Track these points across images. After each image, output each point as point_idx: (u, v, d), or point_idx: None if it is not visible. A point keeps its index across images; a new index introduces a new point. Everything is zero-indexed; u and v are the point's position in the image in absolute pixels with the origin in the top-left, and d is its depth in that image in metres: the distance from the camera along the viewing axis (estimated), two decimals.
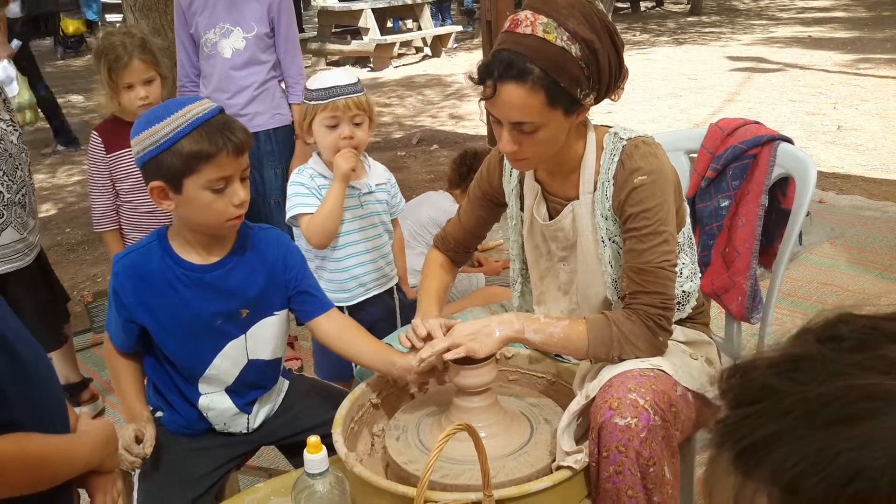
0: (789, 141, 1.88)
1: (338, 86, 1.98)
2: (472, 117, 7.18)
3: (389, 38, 10.73)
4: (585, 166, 1.54)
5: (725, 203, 1.92)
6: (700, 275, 1.69)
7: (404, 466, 1.41)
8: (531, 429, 1.50)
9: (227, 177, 1.46)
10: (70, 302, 2.84)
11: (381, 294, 2.18)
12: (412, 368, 1.51)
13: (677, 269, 1.51)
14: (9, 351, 1.09)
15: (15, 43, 4.39)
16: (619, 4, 15.22)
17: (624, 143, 1.49)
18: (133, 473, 1.58)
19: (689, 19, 13.88)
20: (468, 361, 1.45)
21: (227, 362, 1.62)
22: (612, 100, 1.49)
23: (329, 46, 10.68)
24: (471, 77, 1.44)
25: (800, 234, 1.81)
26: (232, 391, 1.65)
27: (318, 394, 1.81)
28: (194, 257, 1.56)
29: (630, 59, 3.41)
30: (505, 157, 1.60)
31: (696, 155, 2.01)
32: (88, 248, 4.74)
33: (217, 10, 2.80)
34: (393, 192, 2.20)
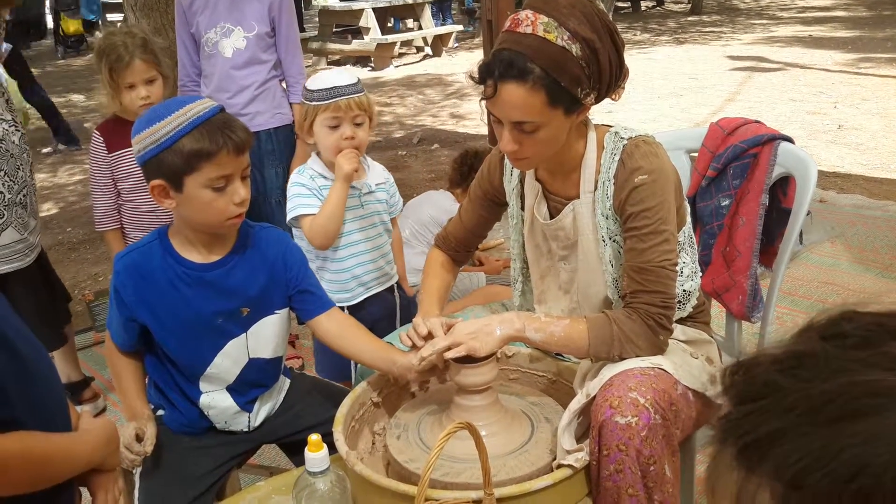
0: (790, 140, 1.88)
1: (339, 86, 1.97)
2: (472, 117, 7.18)
3: (390, 38, 10.74)
4: (586, 165, 1.54)
5: (726, 202, 1.92)
6: (701, 274, 1.69)
7: (405, 465, 1.41)
8: (532, 427, 1.50)
9: (227, 175, 1.46)
10: (71, 301, 2.85)
11: (382, 292, 2.18)
12: (413, 367, 1.52)
13: (678, 268, 1.51)
14: (9, 349, 1.09)
15: (5, 46, 4.38)
16: (620, 4, 15.22)
17: (625, 142, 1.49)
18: (134, 472, 1.59)
19: (690, 18, 13.87)
20: (469, 360, 1.45)
21: (228, 361, 1.62)
22: (612, 99, 1.49)
23: (330, 46, 10.69)
24: (471, 76, 1.44)
25: (800, 234, 1.81)
26: (233, 390, 1.65)
27: (319, 392, 1.82)
28: (195, 256, 1.57)
29: (631, 58, 3.41)
30: (506, 156, 1.61)
31: (696, 154, 2.01)
32: (90, 247, 4.74)
33: (218, 9, 2.80)
34: (392, 191, 2.21)
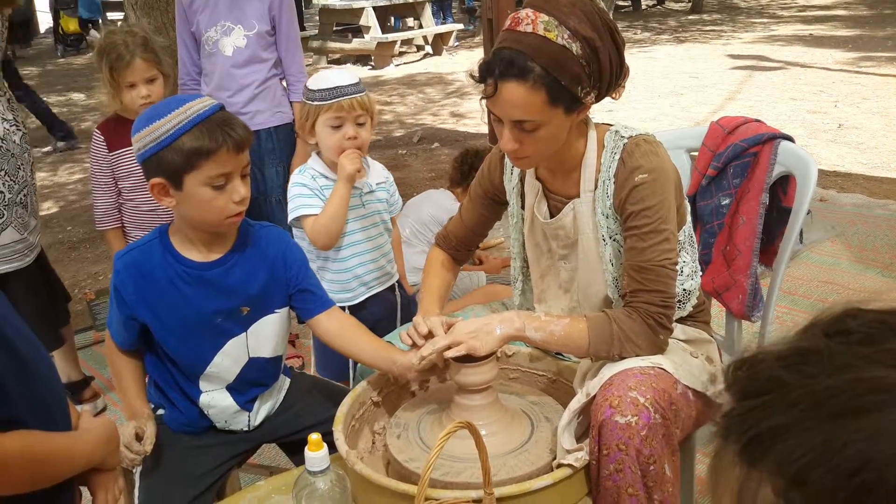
0: (790, 139, 1.87)
1: (341, 86, 1.97)
2: (473, 115, 7.18)
3: (391, 37, 10.74)
4: (586, 164, 1.54)
5: (726, 201, 1.92)
6: (701, 273, 1.69)
7: (405, 464, 1.41)
8: (532, 427, 1.50)
9: (227, 173, 1.46)
10: (71, 302, 2.84)
11: (383, 292, 2.18)
12: (413, 366, 1.51)
13: (678, 267, 1.51)
14: (9, 348, 1.09)
15: None
16: (620, 3, 15.22)
17: (625, 141, 1.49)
18: (134, 471, 1.59)
19: (691, 17, 13.87)
20: (469, 359, 1.45)
21: (228, 360, 1.62)
22: (613, 98, 1.49)
23: (330, 44, 10.69)
24: (472, 75, 1.44)
25: (800, 233, 1.81)
26: (233, 389, 1.65)
27: (319, 391, 1.81)
28: (195, 255, 1.56)
29: (631, 57, 3.40)
30: (506, 155, 1.61)
31: (697, 153, 2.01)
32: (90, 246, 4.75)
33: (218, 8, 2.80)
34: (391, 190, 2.21)
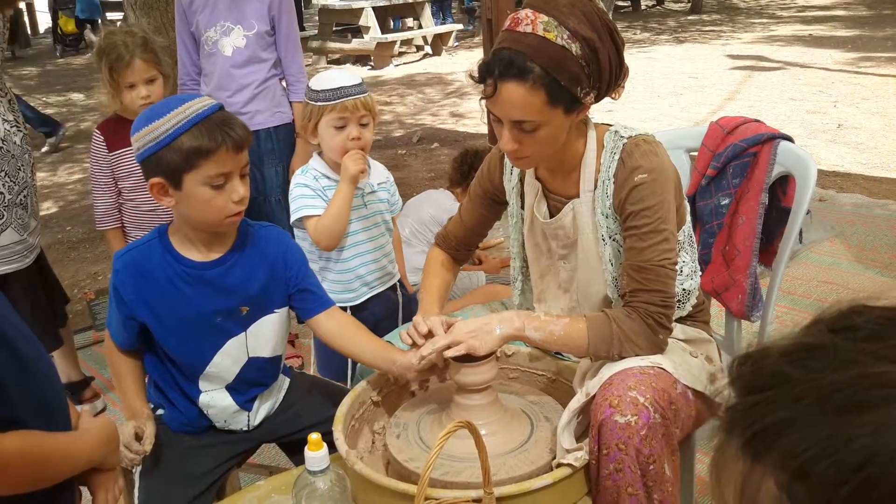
0: (790, 139, 1.88)
1: (345, 86, 1.97)
2: (472, 116, 7.18)
3: (390, 37, 10.74)
4: (586, 164, 1.54)
5: (726, 201, 1.92)
6: (700, 273, 1.69)
7: (405, 464, 1.41)
8: (531, 426, 1.50)
9: (226, 173, 1.46)
10: (69, 303, 2.84)
11: (384, 292, 2.18)
12: (413, 366, 1.51)
13: (677, 267, 1.51)
14: (9, 348, 1.09)
15: None
16: (620, 3, 15.22)
17: (624, 141, 1.49)
18: (134, 471, 1.59)
19: (690, 18, 13.87)
20: (469, 359, 1.45)
21: (228, 360, 1.62)
22: (612, 98, 1.49)
23: (330, 45, 10.69)
24: (471, 76, 1.44)
25: (800, 233, 1.81)
26: (232, 388, 1.65)
27: (319, 391, 1.81)
28: (195, 254, 1.57)
29: (631, 57, 3.41)
30: (505, 155, 1.61)
31: (696, 153, 2.01)
32: (89, 245, 4.74)
33: (218, 8, 2.80)
34: (392, 190, 2.21)
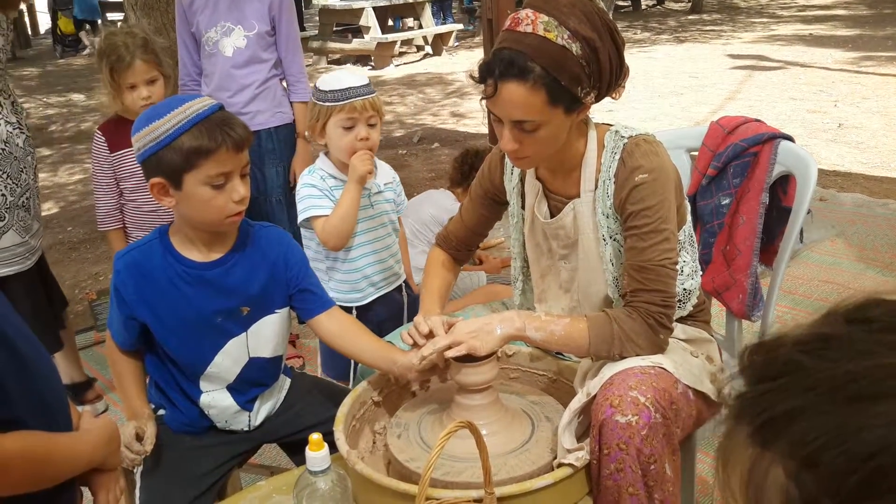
0: (790, 139, 1.88)
1: (354, 87, 1.97)
2: (473, 115, 7.18)
3: (390, 37, 10.74)
4: (586, 164, 1.54)
5: (726, 201, 1.92)
6: (701, 272, 1.69)
7: (406, 464, 1.41)
8: (532, 426, 1.50)
9: (226, 173, 1.46)
10: (69, 305, 2.83)
11: (390, 292, 2.18)
12: (413, 366, 1.52)
13: (678, 266, 1.51)
14: (10, 348, 1.09)
15: None
16: (620, 3, 15.22)
17: (625, 141, 1.49)
18: (135, 471, 1.59)
19: (690, 17, 13.88)
20: (469, 359, 1.45)
21: (229, 360, 1.62)
22: (612, 98, 1.49)
23: (330, 45, 10.69)
24: (472, 76, 1.44)
25: (801, 232, 1.81)
26: (233, 389, 1.65)
27: (320, 391, 1.81)
28: (195, 254, 1.57)
29: (631, 57, 3.40)
30: (506, 155, 1.61)
31: (697, 153, 2.01)
32: (90, 246, 4.74)
33: (218, 8, 2.80)
34: (398, 190, 2.21)
